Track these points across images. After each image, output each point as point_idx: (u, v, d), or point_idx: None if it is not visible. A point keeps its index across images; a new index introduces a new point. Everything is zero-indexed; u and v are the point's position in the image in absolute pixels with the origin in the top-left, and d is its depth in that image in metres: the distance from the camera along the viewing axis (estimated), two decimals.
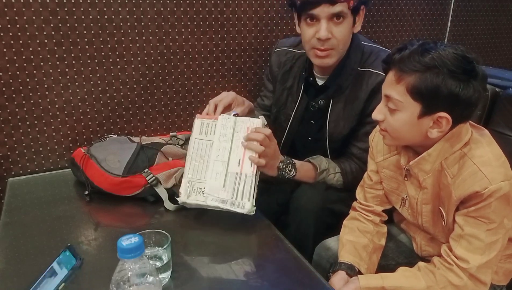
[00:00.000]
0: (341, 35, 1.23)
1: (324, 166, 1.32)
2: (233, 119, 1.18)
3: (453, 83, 0.88)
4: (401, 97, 0.93)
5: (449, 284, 0.96)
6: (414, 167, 1.03)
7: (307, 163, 1.33)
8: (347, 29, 1.24)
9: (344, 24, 1.22)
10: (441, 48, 0.91)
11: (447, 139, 0.97)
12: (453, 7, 2.16)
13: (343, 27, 1.23)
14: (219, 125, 1.18)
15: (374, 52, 1.32)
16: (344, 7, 1.20)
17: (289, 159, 1.25)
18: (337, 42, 1.24)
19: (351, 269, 1.08)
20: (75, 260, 0.91)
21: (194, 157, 1.17)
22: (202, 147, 1.18)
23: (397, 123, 0.96)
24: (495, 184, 0.91)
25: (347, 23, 1.23)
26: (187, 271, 0.98)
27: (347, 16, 1.22)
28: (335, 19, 1.21)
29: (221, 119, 1.18)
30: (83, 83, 1.52)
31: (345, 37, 1.25)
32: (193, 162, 1.17)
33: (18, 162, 1.50)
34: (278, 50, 1.50)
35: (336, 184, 1.34)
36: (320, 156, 1.36)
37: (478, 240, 0.95)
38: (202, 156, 1.17)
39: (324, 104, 1.35)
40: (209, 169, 1.15)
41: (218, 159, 1.15)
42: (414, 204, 1.09)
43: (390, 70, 0.96)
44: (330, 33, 1.22)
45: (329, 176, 1.32)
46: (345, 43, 1.27)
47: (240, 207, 1.11)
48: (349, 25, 1.24)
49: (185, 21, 1.60)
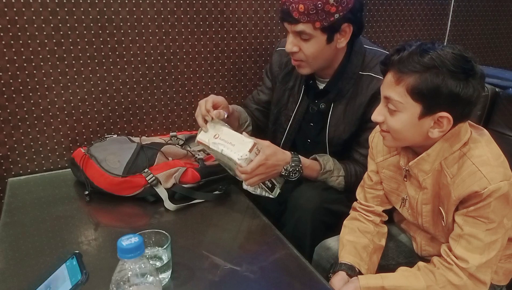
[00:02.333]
0: (308, 51, 1.23)
1: (330, 167, 1.31)
2: (220, 152, 1.20)
3: (453, 83, 0.88)
4: (401, 98, 0.93)
5: (448, 284, 0.96)
6: (414, 167, 1.03)
7: (314, 161, 1.32)
8: (317, 46, 1.23)
9: (312, 42, 1.22)
10: (439, 48, 0.91)
11: (446, 139, 0.97)
12: (453, 7, 2.16)
13: (310, 44, 1.22)
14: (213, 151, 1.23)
15: (376, 56, 1.31)
16: (307, 28, 1.19)
17: (297, 163, 1.25)
18: (305, 57, 1.25)
19: (351, 269, 1.08)
20: (80, 275, 0.89)
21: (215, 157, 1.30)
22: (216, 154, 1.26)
23: (398, 124, 0.96)
24: (494, 184, 0.91)
25: (316, 42, 1.22)
26: (187, 271, 0.98)
27: (314, 35, 1.21)
28: (301, 36, 1.22)
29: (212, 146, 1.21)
30: (83, 83, 1.52)
31: (314, 53, 1.24)
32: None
33: (18, 162, 1.50)
34: (280, 49, 1.49)
35: (336, 187, 1.33)
36: (327, 155, 1.35)
37: (477, 239, 0.95)
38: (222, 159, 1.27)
39: (325, 108, 1.35)
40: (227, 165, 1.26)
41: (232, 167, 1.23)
42: (414, 204, 1.09)
43: (389, 71, 0.96)
44: (296, 46, 1.24)
45: (331, 178, 1.32)
46: (316, 58, 1.25)
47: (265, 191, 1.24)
48: (319, 43, 1.22)
49: (185, 21, 1.60)
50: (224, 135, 1.21)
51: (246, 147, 1.16)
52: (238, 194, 1.34)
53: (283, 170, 1.23)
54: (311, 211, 1.25)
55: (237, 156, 1.15)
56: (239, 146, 1.17)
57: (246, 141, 1.17)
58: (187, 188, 1.29)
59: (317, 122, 1.39)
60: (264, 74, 1.56)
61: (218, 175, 1.36)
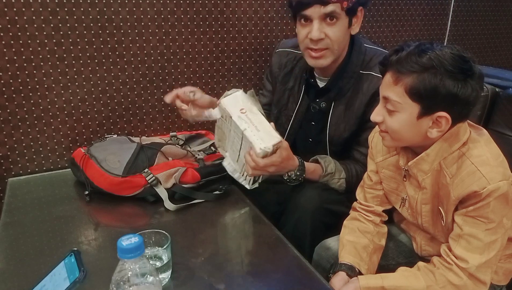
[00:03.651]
0: (335, 35, 1.23)
1: (331, 169, 1.31)
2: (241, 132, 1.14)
3: (451, 83, 0.88)
4: (400, 98, 0.93)
5: (448, 284, 0.96)
6: (413, 167, 1.03)
7: (317, 165, 1.32)
8: (341, 30, 1.24)
9: (338, 24, 1.22)
10: (438, 48, 0.91)
11: (445, 139, 0.97)
12: (453, 7, 2.16)
13: (336, 28, 1.23)
14: (233, 123, 1.16)
15: (377, 55, 1.32)
16: (337, 8, 1.20)
17: (302, 172, 1.26)
18: (331, 42, 1.24)
19: (351, 270, 1.08)
20: (78, 273, 0.89)
21: (220, 126, 1.26)
22: (225, 125, 1.24)
23: (396, 124, 0.96)
24: (494, 184, 0.91)
25: (341, 24, 1.23)
26: (187, 271, 0.98)
27: (340, 16, 1.22)
28: (328, 20, 1.21)
29: (235, 118, 1.15)
30: (83, 83, 1.52)
31: (339, 38, 1.25)
32: (219, 130, 1.28)
33: (18, 162, 1.50)
34: (279, 50, 1.50)
35: (338, 189, 1.33)
36: (329, 157, 1.35)
37: (477, 239, 0.95)
38: (225, 132, 1.25)
39: (325, 107, 1.36)
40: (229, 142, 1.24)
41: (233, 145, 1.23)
42: (413, 204, 1.09)
43: (387, 71, 0.96)
44: (322, 33, 1.22)
45: (332, 180, 1.32)
46: (340, 44, 1.26)
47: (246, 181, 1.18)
48: (344, 26, 1.24)
49: (185, 21, 1.60)
50: (252, 115, 1.14)
51: (271, 140, 1.12)
52: (238, 194, 1.34)
53: (286, 175, 1.24)
54: (311, 211, 1.25)
55: (260, 145, 1.10)
56: (264, 135, 1.12)
57: (274, 135, 1.13)
58: (187, 188, 1.29)
59: (317, 121, 1.39)
60: (265, 78, 1.57)
61: (218, 175, 1.36)
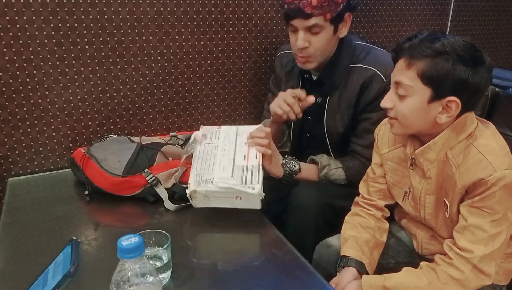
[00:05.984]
0: (318, 44, 1.29)
1: (326, 162, 1.36)
2: (235, 127, 1.27)
3: (462, 68, 0.91)
4: (412, 82, 0.95)
5: (450, 279, 0.97)
6: (420, 156, 1.04)
7: (310, 162, 1.38)
8: (326, 38, 1.30)
9: (322, 33, 1.28)
10: (450, 36, 0.94)
11: (453, 128, 0.99)
12: (453, 7, 2.16)
13: (320, 37, 1.29)
14: (222, 132, 1.26)
15: (365, 50, 1.38)
16: (319, 20, 1.25)
17: (289, 156, 1.31)
18: (314, 50, 1.30)
19: (361, 267, 1.09)
20: (69, 265, 0.88)
21: (200, 157, 1.21)
22: (208, 149, 1.22)
23: (407, 109, 0.98)
24: (500, 172, 0.92)
25: (326, 33, 1.29)
26: (187, 271, 0.98)
27: (324, 26, 1.27)
28: (312, 30, 1.27)
29: (224, 127, 1.28)
30: (83, 83, 1.51)
31: (322, 46, 1.31)
32: (199, 161, 1.20)
33: (18, 162, 1.50)
34: (280, 54, 1.57)
35: (339, 179, 1.37)
36: (322, 154, 1.41)
37: (482, 231, 0.96)
38: (208, 155, 1.21)
39: (321, 102, 1.40)
40: (216, 164, 1.18)
41: (224, 156, 1.19)
42: (417, 195, 1.09)
43: (400, 58, 0.99)
44: (307, 42, 1.29)
45: (331, 171, 1.36)
46: (323, 51, 1.32)
47: (251, 188, 1.12)
48: (328, 34, 1.30)
49: (185, 21, 1.60)
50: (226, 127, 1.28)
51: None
52: None
53: (283, 160, 1.29)
54: (312, 209, 1.27)
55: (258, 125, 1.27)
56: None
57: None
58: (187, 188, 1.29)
59: (313, 114, 1.44)
60: (271, 83, 1.62)
61: None
